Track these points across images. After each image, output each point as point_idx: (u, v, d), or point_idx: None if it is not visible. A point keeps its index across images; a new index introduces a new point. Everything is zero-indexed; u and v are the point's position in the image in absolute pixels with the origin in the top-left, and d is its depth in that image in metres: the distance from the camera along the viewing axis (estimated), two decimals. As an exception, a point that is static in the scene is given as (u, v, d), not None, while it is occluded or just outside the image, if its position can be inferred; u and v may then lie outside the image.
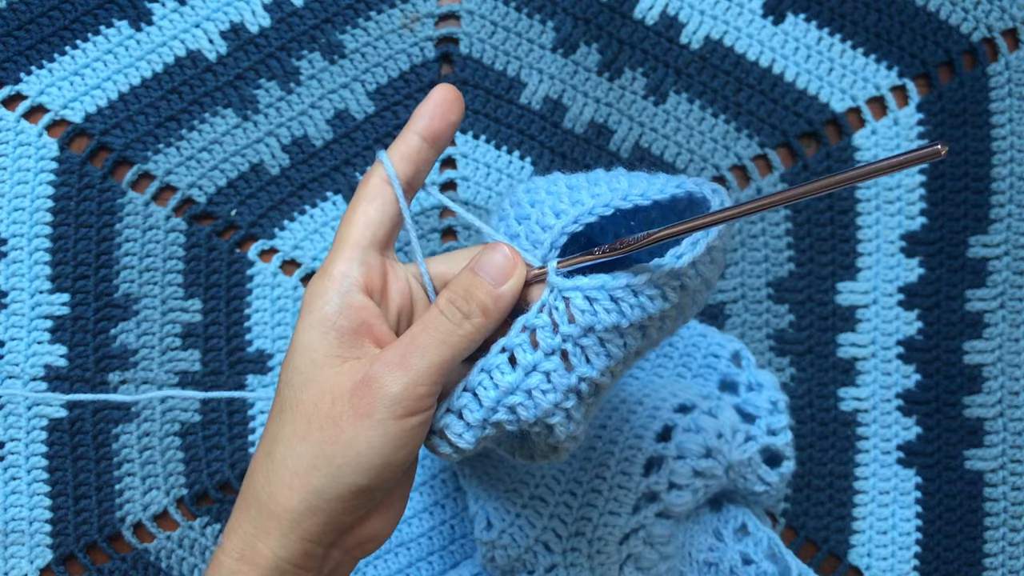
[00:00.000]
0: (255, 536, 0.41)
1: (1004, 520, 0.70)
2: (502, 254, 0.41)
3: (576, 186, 0.42)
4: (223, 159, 0.70)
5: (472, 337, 0.40)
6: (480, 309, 0.40)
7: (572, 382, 0.41)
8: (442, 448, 0.43)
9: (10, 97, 0.69)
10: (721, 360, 0.66)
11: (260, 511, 0.41)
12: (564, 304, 0.40)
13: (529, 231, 0.42)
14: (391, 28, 0.70)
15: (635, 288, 0.39)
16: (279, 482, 0.40)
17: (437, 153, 0.44)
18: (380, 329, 0.41)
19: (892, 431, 0.70)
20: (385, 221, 0.42)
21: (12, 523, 0.69)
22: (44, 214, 0.69)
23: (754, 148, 0.71)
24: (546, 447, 0.45)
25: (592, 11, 0.70)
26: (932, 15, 0.70)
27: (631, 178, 0.42)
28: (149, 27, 0.70)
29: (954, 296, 0.70)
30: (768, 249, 0.71)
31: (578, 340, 0.40)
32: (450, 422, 0.42)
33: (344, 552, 0.43)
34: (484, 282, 0.40)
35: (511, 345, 0.41)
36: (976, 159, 0.70)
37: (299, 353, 0.41)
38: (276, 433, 0.41)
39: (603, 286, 0.39)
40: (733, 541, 0.64)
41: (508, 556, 0.60)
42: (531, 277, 0.42)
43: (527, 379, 0.41)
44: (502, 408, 0.41)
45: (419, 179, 0.44)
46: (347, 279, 0.41)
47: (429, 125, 0.43)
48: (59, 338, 0.69)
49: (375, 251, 0.42)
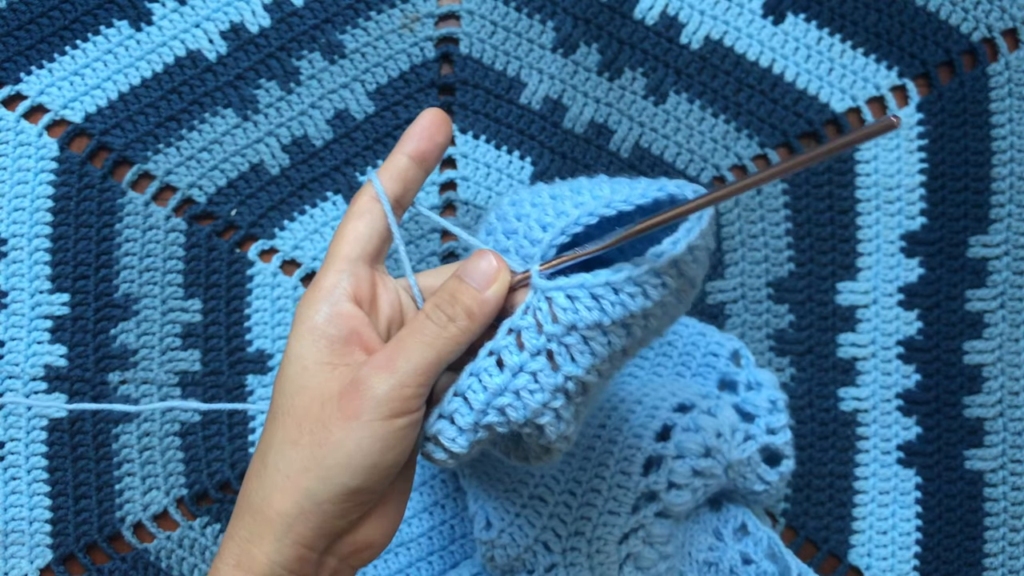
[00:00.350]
0: (250, 542, 0.41)
1: (1004, 520, 0.70)
2: (486, 261, 0.42)
3: (559, 196, 0.43)
4: (223, 159, 0.70)
5: (457, 340, 0.41)
6: (465, 312, 0.41)
7: (559, 381, 0.42)
8: (437, 454, 0.44)
9: (10, 97, 0.69)
10: (720, 359, 0.66)
11: (254, 517, 0.41)
12: (547, 304, 0.41)
13: (518, 246, 0.43)
14: (391, 28, 0.70)
15: (615, 286, 0.40)
16: (272, 486, 0.41)
17: (425, 173, 0.46)
18: (369, 337, 0.42)
19: (892, 431, 0.70)
20: (374, 236, 0.44)
21: (12, 523, 0.69)
22: (44, 214, 0.69)
23: (754, 148, 0.71)
24: (538, 448, 0.45)
25: (592, 11, 0.70)
26: (932, 15, 0.70)
27: (613, 184, 0.43)
28: (149, 27, 0.70)
29: (954, 296, 0.70)
30: (768, 249, 0.71)
31: (562, 339, 0.41)
32: (443, 427, 0.43)
33: (340, 560, 0.44)
34: (469, 287, 0.42)
35: (498, 348, 0.42)
36: (976, 159, 0.70)
37: (290, 362, 0.42)
38: (269, 439, 0.42)
39: (583, 284, 0.40)
40: (733, 541, 0.64)
41: (508, 556, 0.60)
42: (515, 282, 0.43)
43: (514, 380, 0.42)
44: (492, 410, 0.42)
45: (408, 197, 0.46)
46: (336, 290, 0.42)
47: (416, 146, 0.45)
48: (59, 338, 0.69)
49: (364, 264, 0.44)
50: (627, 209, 0.41)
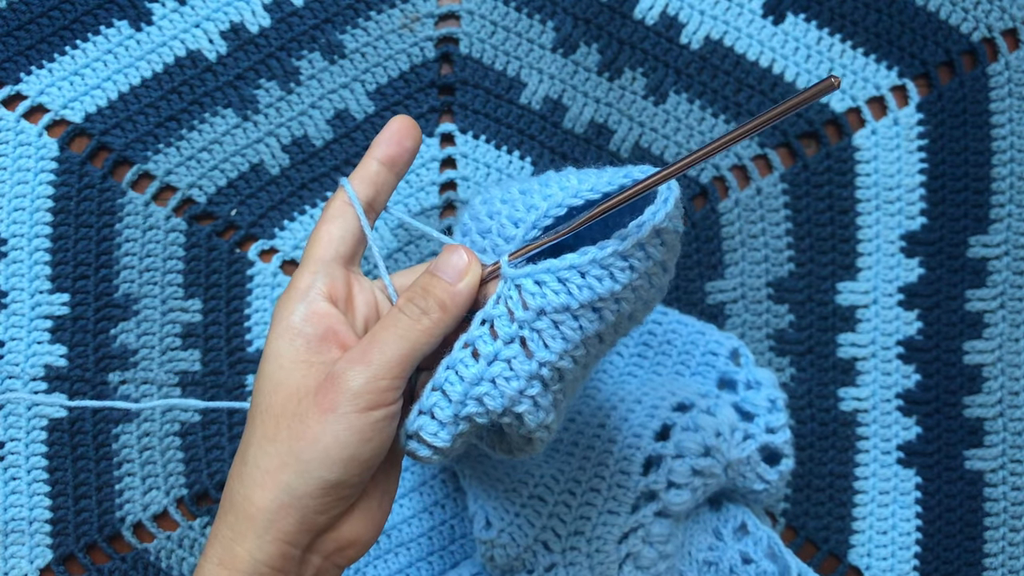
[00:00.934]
0: (232, 540, 0.42)
1: (1004, 520, 0.70)
2: (457, 255, 0.43)
3: (528, 190, 0.45)
4: (223, 159, 0.70)
5: (431, 332, 0.42)
6: (438, 305, 0.42)
7: (533, 368, 0.42)
8: (421, 451, 0.44)
9: (10, 97, 0.69)
10: (719, 358, 0.66)
11: (236, 514, 0.42)
12: (517, 292, 0.42)
13: (494, 244, 0.45)
14: (391, 28, 0.70)
15: (581, 269, 0.41)
16: (252, 482, 0.42)
17: (397, 177, 0.47)
18: (345, 335, 0.43)
19: (892, 431, 0.70)
20: (347, 238, 0.45)
21: (12, 523, 0.69)
22: (44, 214, 0.69)
23: (754, 148, 0.71)
24: (520, 439, 0.46)
25: (592, 11, 0.70)
26: (932, 15, 0.70)
27: (580, 175, 0.44)
28: (149, 27, 0.70)
29: (954, 296, 0.70)
30: (768, 249, 0.71)
31: (533, 325, 0.42)
32: (424, 423, 0.43)
33: (324, 557, 0.44)
34: (441, 280, 0.43)
35: (472, 339, 0.43)
36: (976, 159, 0.70)
37: (268, 361, 0.43)
38: (249, 437, 0.43)
39: (549, 269, 0.41)
40: (733, 540, 0.64)
41: (507, 555, 0.60)
42: (487, 274, 0.44)
43: (490, 368, 0.42)
44: (470, 400, 0.43)
45: (380, 200, 0.47)
46: (312, 290, 0.43)
47: (386, 151, 0.46)
48: (59, 338, 0.69)
49: (339, 265, 0.45)
50: (594, 198, 0.42)
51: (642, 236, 0.40)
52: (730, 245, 0.70)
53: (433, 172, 0.71)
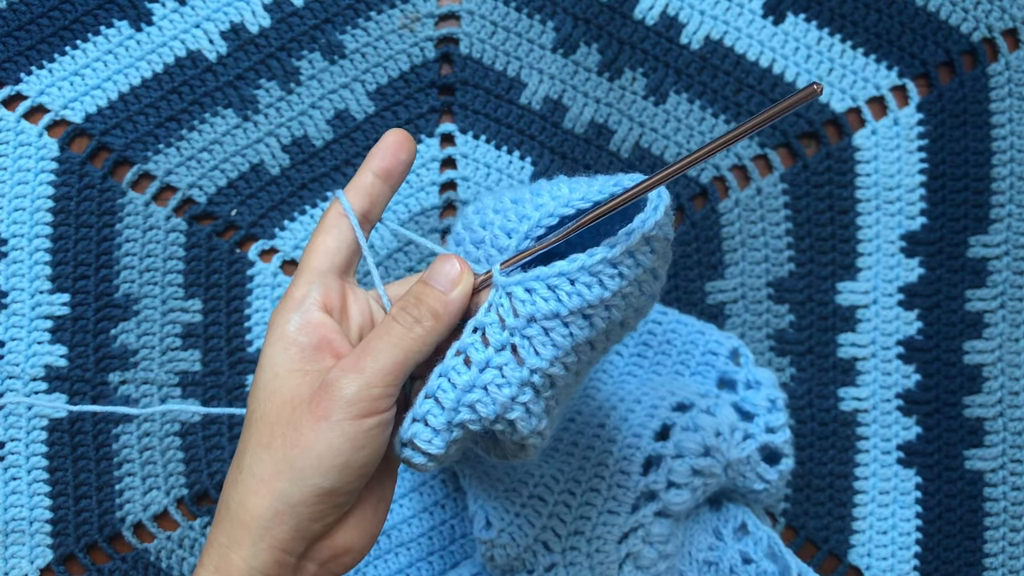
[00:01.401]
0: (228, 547, 0.42)
1: (1004, 520, 0.70)
2: (450, 264, 0.44)
3: (520, 200, 0.45)
4: (223, 159, 0.70)
5: (423, 340, 0.43)
6: (430, 313, 0.43)
7: (524, 375, 0.43)
8: (416, 459, 0.44)
9: (10, 97, 0.69)
10: (719, 357, 0.66)
11: (232, 522, 0.42)
12: (508, 300, 0.42)
13: (487, 255, 0.45)
14: (391, 28, 0.70)
15: (570, 276, 0.42)
16: (246, 490, 0.42)
17: (391, 189, 0.47)
18: (340, 344, 0.44)
19: (892, 431, 0.70)
20: (342, 248, 0.46)
21: (12, 523, 0.69)
22: (44, 214, 0.69)
23: (754, 148, 0.71)
24: (513, 445, 0.47)
25: (592, 11, 0.70)
26: (932, 15, 0.70)
27: (571, 184, 0.44)
28: (149, 27, 0.70)
29: (954, 296, 0.70)
30: (768, 249, 0.71)
31: (523, 332, 0.42)
32: (417, 430, 0.44)
33: (319, 565, 0.44)
34: (434, 289, 0.43)
35: (464, 346, 0.43)
36: (976, 159, 0.70)
37: (264, 369, 0.43)
38: (244, 445, 0.43)
39: (539, 276, 0.42)
40: (733, 540, 0.64)
41: (507, 555, 0.60)
42: (479, 283, 0.44)
43: (482, 375, 0.43)
44: (463, 407, 0.43)
45: (375, 211, 0.47)
46: (307, 300, 0.44)
47: (381, 164, 0.46)
48: (59, 338, 0.69)
49: (334, 276, 0.45)
50: (585, 207, 0.42)
51: (631, 244, 0.41)
52: (730, 245, 0.71)
53: (433, 172, 0.71)
